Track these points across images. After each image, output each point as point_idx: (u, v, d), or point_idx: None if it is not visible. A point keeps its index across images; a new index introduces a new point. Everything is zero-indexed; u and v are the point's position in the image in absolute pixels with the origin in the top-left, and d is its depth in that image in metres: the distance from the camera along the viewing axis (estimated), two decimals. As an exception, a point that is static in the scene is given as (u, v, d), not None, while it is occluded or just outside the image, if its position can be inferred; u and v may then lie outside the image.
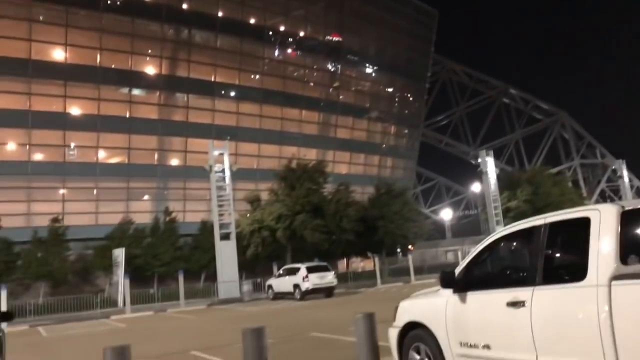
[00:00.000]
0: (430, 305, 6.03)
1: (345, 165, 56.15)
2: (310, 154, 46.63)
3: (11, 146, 40.56)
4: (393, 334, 6.48)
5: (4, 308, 22.09)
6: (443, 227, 69.61)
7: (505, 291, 4.99)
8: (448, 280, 5.67)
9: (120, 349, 5.96)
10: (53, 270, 33.88)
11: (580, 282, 4.29)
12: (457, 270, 5.73)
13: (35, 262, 33.67)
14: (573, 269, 4.55)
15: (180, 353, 11.82)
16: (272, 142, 49.62)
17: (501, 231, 5.56)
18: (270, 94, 50.28)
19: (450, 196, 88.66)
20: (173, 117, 46.02)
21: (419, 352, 6.04)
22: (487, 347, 5.12)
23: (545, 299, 4.59)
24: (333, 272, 28.13)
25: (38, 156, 41.29)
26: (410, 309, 6.38)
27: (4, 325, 7.74)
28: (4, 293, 24.38)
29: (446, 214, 73.76)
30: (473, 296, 5.40)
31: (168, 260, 36.85)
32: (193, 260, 37.81)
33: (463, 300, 5.47)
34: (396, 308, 6.58)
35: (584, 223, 4.44)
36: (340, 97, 57.19)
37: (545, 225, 4.87)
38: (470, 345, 5.31)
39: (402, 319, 6.37)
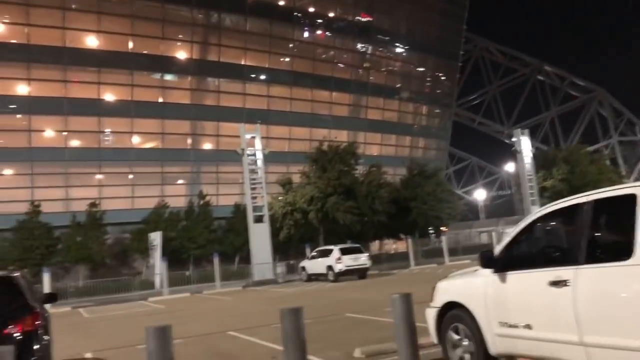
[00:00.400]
0: (469, 285, 5.97)
1: (377, 147, 55.83)
2: (341, 136, 46.50)
3: (49, 133, 41.58)
4: (431, 314, 6.45)
5: (47, 290, 22.78)
6: (476, 208, 68.80)
7: (546, 270, 4.91)
8: (487, 260, 5.59)
9: (161, 329, 6.08)
10: (92, 254, 34.82)
11: (626, 261, 4.18)
12: (497, 250, 5.65)
13: (75, 246, 34.65)
14: (618, 247, 4.43)
15: (218, 333, 12.03)
16: (303, 124, 49.63)
17: (542, 210, 5.45)
18: (300, 76, 50.17)
19: (484, 176, 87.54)
20: (205, 102, 46.40)
21: (457, 332, 6.01)
22: (528, 327, 5.06)
23: (589, 279, 4.50)
24: (366, 254, 28.15)
25: (74, 142, 42.22)
26: (448, 289, 6.33)
27: (48, 306, 8.00)
28: (47, 276, 25.17)
29: (479, 195, 72.82)
30: (513, 276, 5.33)
31: (203, 243, 37.47)
32: (227, 243, 38.35)
33: (503, 280, 5.40)
34: (434, 288, 6.54)
35: (630, 200, 4.31)
36: (371, 77, 56.69)
37: (588, 203, 4.75)
38: (511, 325, 5.25)
39: (440, 299, 6.34)
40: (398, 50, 60.59)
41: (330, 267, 26.38)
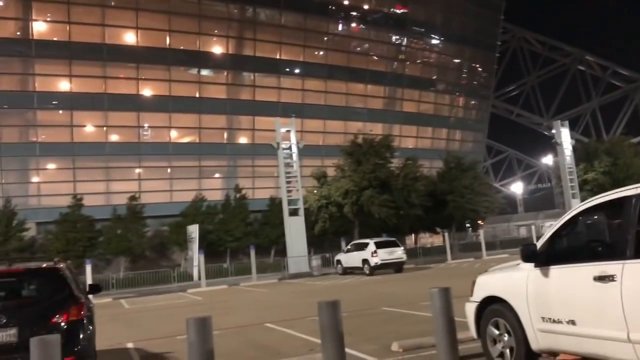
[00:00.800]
0: (510, 280, 5.87)
1: (412, 139, 55.34)
2: (376, 129, 46.21)
3: (90, 128, 42.60)
4: (470, 309, 6.37)
5: (89, 281, 23.41)
6: (514, 201, 67.61)
7: (591, 265, 4.78)
8: (529, 254, 5.48)
9: (202, 320, 6.18)
10: (132, 246, 35.59)
11: (677, 255, 4.04)
12: (539, 244, 5.53)
13: (116, 238, 35.48)
14: (668, 241, 4.28)
15: (256, 325, 12.16)
16: (338, 117, 49.55)
17: (586, 203, 5.30)
18: (335, 70, 50.07)
19: (522, 169, 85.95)
20: (240, 96, 46.79)
21: (497, 327, 5.92)
22: (572, 322, 4.94)
23: (637, 273, 4.36)
24: (402, 248, 28.00)
25: (115, 137, 43.16)
26: (488, 284, 6.24)
27: (91, 296, 8.21)
28: (89, 267, 25.87)
29: (518, 188, 71.53)
30: (556, 270, 5.21)
31: (239, 235, 37.89)
32: (263, 236, 38.68)
33: (545, 274, 5.29)
34: (473, 283, 6.45)
35: (681, 193, 4.15)
36: (406, 69, 56.15)
37: (637, 195, 4.60)
38: (554, 321, 5.14)
39: (479, 293, 6.25)
40: (434, 41, 59.81)
41: (365, 261, 26.34)
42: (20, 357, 6.00)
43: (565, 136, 42.72)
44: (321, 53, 50.71)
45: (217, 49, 46.25)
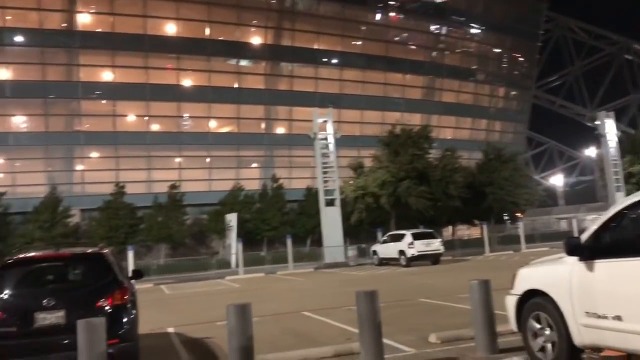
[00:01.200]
0: (553, 273, 5.75)
1: (451, 130, 54.61)
2: (414, 119, 45.80)
3: (132, 118, 43.57)
4: (511, 301, 6.28)
5: (131, 267, 24.00)
6: (555, 194, 66.03)
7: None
8: (574, 247, 5.36)
9: (242, 306, 6.30)
10: (172, 233, 36.33)
11: None
12: (584, 237, 5.41)
13: (156, 226, 36.26)
14: None
15: (293, 313, 12.28)
16: (375, 108, 49.27)
17: (636, 196, 5.14)
18: (373, 59, 49.74)
19: (564, 161, 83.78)
20: (278, 87, 47.01)
21: (539, 321, 5.82)
22: (618, 318, 4.82)
23: (687, 269, 4.22)
24: (439, 239, 27.73)
25: (156, 127, 44.02)
26: (530, 277, 6.14)
27: (133, 282, 8.43)
28: (131, 253, 26.53)
29: (558, 180, 69.81)
30: (602, 264, 5.08)
31: (276, 224, 38.25)
32: (299, 225, 38.91)
33: (591, 268, 5.17)
34: (514, 276, 6.36)
35: None
36: (446, 59, 55.35)
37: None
38: (599, 316, 5.03)
39: (521, 286, 6.15)
40: (474, 30, 58.72)
41: (402, 252, 26.20)
42: (67, 338, 6.21)
43: (610, 127, 41.37)
44: (359, 43, 50.42)
45: (256, 40, 46.52)
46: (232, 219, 33.96)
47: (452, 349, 7.36)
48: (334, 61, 49.31)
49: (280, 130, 47.84)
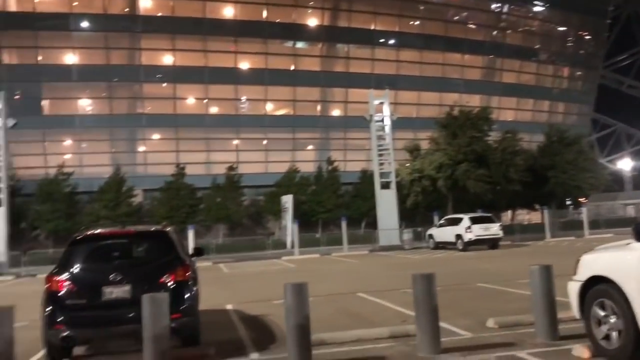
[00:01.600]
0: (619, 259, 5.54)
1: (512, 112, 52.99)
2: (473, 100, 44.66)
3: (191, 101, 44.57)
4: (574, 288, 6.10)
5: (192, 245, 24.74)
6: (622, 179, 63.16)
7: None
8: (643, 234, 5.15)
9: (299, 285, 6.40)
10: (230, 214, 37.19)
11: None
12: (654, 223, 5.18)
13: (215, 206, 37.20)
14: None
15: (348, 294, 12.36)
16: (433, 89, 48.37)
17: None
18: (431, 40, 48.76)
19: (632, 144, 79.83)
20: (334, 68, 46.88)
21: (603, 308, 5.64)
22: (689, 307, 4.61)
23: None
24: (498, 224, 27.14)
25: (214, 109, 44.89)
26: (594, 263, 5.93)
27: (194, 259, 8.71)
28: (191, 232, 27.34)
29: (626, 164, 66.70)
30: (674, 251, 4.86)
31: (331, 207, 38.49)
32: (354, 208, 38.96)
33: (661, 255, 4.95)
34: (577, 261, 6.16)
35: None
36: (507, 38, 53.57)
37: None
38: (669, 305, 4.82)
39: (584, 273, 5.96)
40: (537, 8, 56.44)
41: (459, 236, 25.82)
42: (132, 311, 6.49)
43: (684, 109, 39.13)
44: (417, 23, 49.48)
45: (312, 21, 46.46)
46: (287, 200, 34.35)
47: (510, 334, 7.24)
48: (391, 42, 48.65)
49: (335, 112, 47.79)
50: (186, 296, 7.15)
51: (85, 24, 42.18)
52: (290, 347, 6.27)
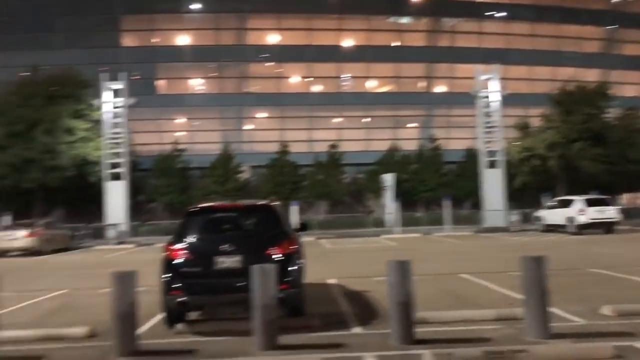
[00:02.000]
0: None
1: (634, 87, 48.89)
2: (590, 75, 41.70)
3: (295, 79, 45.38)
4: None
5: (296, 220, 25.42)
6: None
7: None
8: None
9: (402, 263, 6.41)
10: (331, 191, 37.71)
11: None
12: None
13: (317, 184, 37.89)
14: None
15: (450, 274, 12.17)
16: (546, 63, 45.62)
17: None
18: (544, 11, 45.95)
19: None
20: (439, 43, 45.63)
21: None
22: None
23: None
24: (615, 207, 25.38)
25: (317, 88, 45.42)
26: None
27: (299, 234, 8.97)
28: (295, 208, 28.08)
29: None
30: None
31: (433, 186, 37.90)
32: (457, 187, 38.05)
33: None
34: None
35: None
36: (629, 7, 49.20)
37: None
38: None
39: None
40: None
41: (571, 219, 24.44)
42: (242, 280, 6.81)
43: None
44: (529, -7, 46.81)
45: (417, -6, 45.45)
46: (388, 178, 34.18)
47: (629, 324, 6.80)
48: (501, 14, 46.43)
49: (440, 88, 46.59)
50: (292, 268, 7.40)
51: (196, 6, 44.09)
52: (393, 324, 6.32)
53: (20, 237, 22.30)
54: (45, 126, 30.95)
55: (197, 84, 45.36)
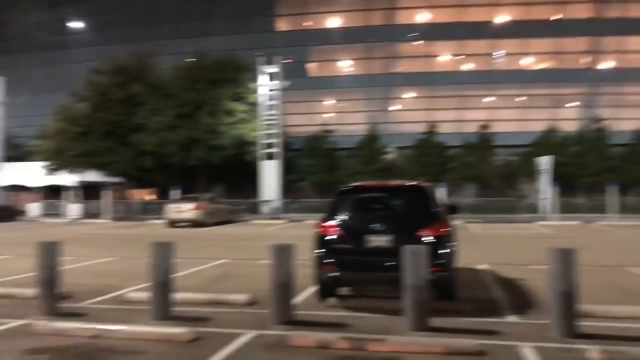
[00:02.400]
0: None
1: None
2: None
3: (445, 57, 44.13)
4: None
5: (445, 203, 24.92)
6: None
7: None
8: None
9: (566, 251, 6.01)
10: (481, 174, 36.29)
11: None
12: None
13: (465, 165, 36.67)
14: None
15: (615, 267, 11.19)
16: None
17: None
18: None
19: None
20: (606, 14, 41.47)
21: None
22: None
23: None
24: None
25: (468, 66, 43.78)
26: None
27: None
28: (443, 190, 27.53)
29: None
30: None
31: (596, 170, 34.84)
32: (625, 173, 34.65)
33: None
34: None
35: None
36: None
37: None
38: None
39: None
40: None
41: None
42: (392, 260, 6.82)
43: None
44: None
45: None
46: (545, 162, 32.05)
47: None
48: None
49: (606, 64, 42.46)
50: (444, 251, 7.27)
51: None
52: (553, 314, 5.97)
53: (188, 210, 24.55)
54: (208, 108, 33.48)
55: (345, 66, 46.03)
